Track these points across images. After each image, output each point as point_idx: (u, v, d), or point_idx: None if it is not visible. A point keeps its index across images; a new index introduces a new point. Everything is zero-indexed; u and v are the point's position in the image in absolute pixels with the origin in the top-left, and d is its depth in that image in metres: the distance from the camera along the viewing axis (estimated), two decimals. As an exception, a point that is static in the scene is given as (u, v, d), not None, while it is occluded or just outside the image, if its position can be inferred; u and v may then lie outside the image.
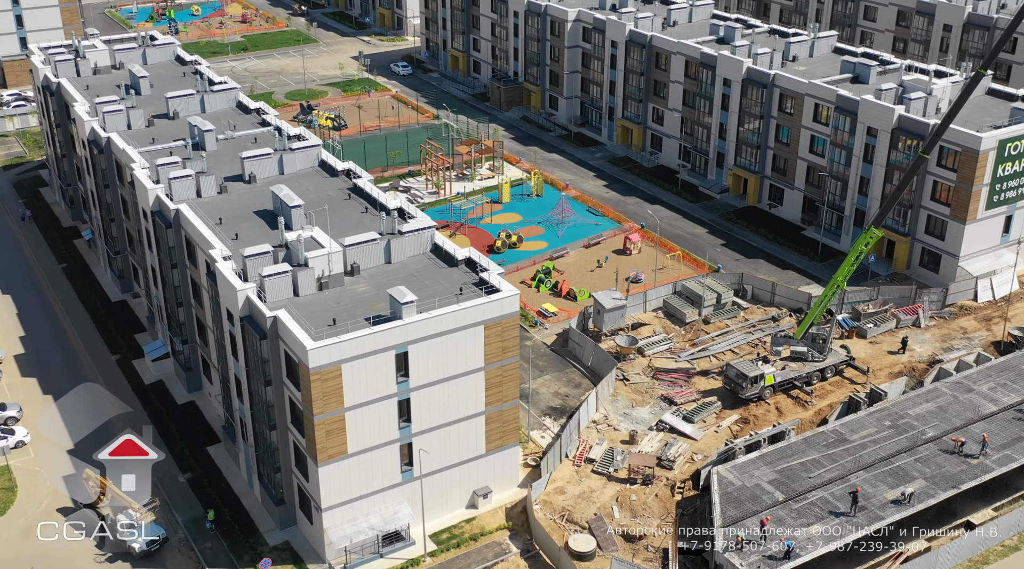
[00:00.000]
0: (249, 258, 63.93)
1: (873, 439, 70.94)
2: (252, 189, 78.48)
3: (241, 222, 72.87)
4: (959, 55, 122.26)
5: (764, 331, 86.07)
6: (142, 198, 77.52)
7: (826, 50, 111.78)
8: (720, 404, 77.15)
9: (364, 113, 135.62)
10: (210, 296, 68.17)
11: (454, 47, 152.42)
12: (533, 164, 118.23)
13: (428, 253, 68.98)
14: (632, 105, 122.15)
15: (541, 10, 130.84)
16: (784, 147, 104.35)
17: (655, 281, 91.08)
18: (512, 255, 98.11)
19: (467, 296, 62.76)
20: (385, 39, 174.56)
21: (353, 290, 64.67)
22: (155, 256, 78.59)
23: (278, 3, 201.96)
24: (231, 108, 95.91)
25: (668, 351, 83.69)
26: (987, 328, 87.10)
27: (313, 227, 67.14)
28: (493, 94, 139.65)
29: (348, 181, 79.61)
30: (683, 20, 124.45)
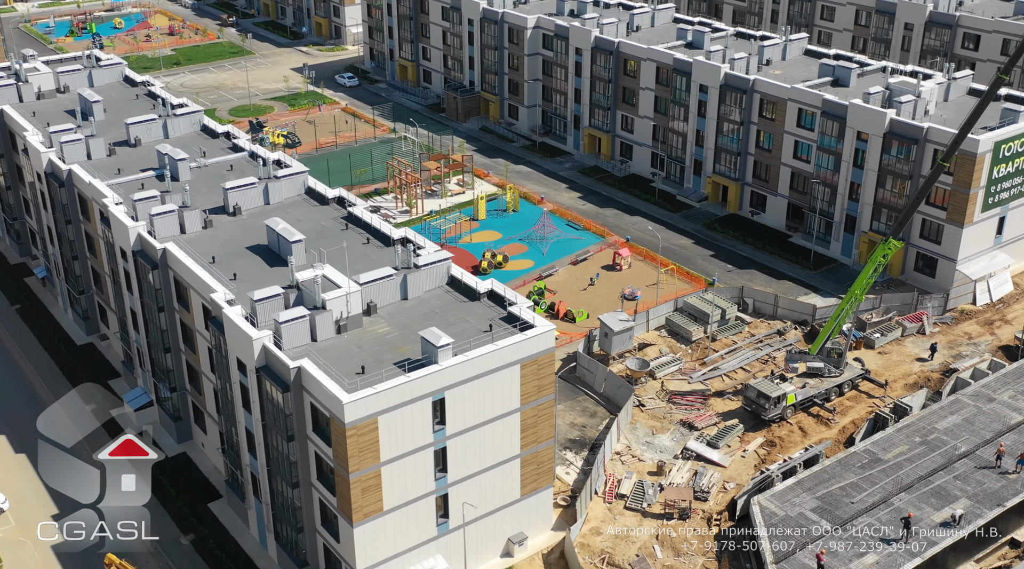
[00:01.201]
0: (260, 303, 58.99)
1: (907, 458, 69.07)
2: (239, 222, 73.23)
3: (235, 260, 67.69)
4: (921, 54, 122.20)
5: (772, 346, 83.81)
6: (120, 237, 71.64)
7: (798, 52, 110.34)
8: (742, 427, 74.55)
9: (317, 128, 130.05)
10: (213, 344, 62.87)
11: (402, 56, 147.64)
12: (504, 178, 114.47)
13: (445, 286, 64.81)
14: (599, 113, 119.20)
15: (498, 17, 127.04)
16: (766, 153, 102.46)
17: (656, 298, 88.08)
18: (499, 276, 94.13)
19: (499, 333, 58.83)
20: (324, 49, 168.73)
21: (373, 332, 60.18)
22: (136, 299, 72.74)
23: (205, 14, 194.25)
24: (196, 132, 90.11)
25: (678, 372, 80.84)
26: (991, 332, 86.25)
27: (324, 265, 62.38)
28: (449, 105, 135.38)
29: (341, 209, 74.88)
30: (646, 24, 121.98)
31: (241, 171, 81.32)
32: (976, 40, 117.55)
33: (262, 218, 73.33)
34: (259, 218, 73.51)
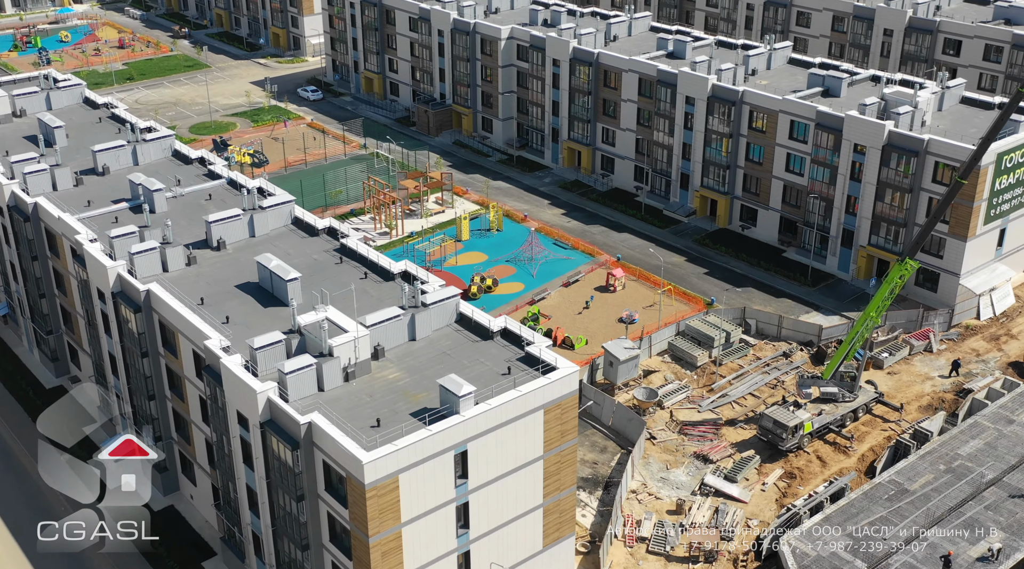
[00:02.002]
0: (261, 351, 54.66)
1: (934, 487, 66.54)
2: (225, 258, 68.63)
3: (226, 301, 63.15)
4: (901, 59, 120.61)
5: (779, 369, 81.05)
6: (97, 277, 66.69)
7: (782, 61, 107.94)
8: (759, 458, 71.59)
9: (283, 145, 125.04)
10: (208, 395, 58.31)
11: (367, 68, 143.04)
12: (485, 195, 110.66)
13: (455, 325, 60.93)
14: (579, 126, 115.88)
15: (470, 28, 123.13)
16: (756, 166, 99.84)
17: (659, 321, 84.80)
18: (489, 301, 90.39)
19: (520, 377, 55.11)
20: (283, 61, 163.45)
21: (384, 378, 56.12)
22: (116, 342, 67.82)
23: (155, 25, 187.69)
24: (167, 158, 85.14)
25: (687, 400, 77.70)
26: (998, 348, 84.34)
27: (327, 306, 58.14)
28: (420, 118, 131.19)
29: (332, 241, 70.60)
30: (623, 34, 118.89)
31: (221, 200, 76.70)
32: (957, 46, 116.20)
33: (249, 253, 68.92)
34: (246, 253, 69.05)
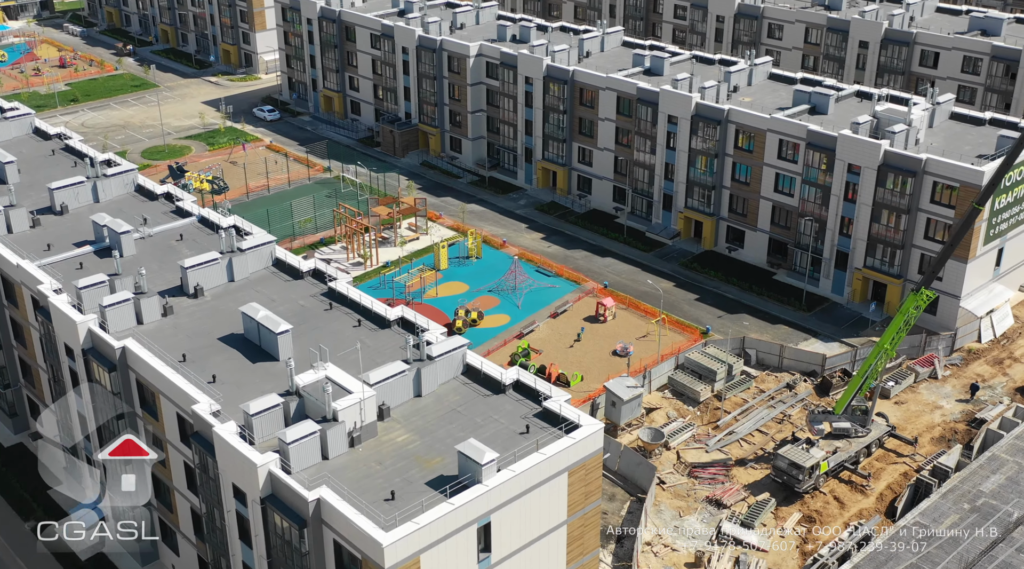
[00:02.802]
0: (256, 417, 49.89)
1: (961, 529, 63.63)
2: (203, 307, 63.55)
3: (210, 356, 58.14)
4: (877, 72, 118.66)
5: (785, 402, 77.89)
6: (65, 333, 61.20)
7: (763, 77, 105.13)
8: (774, 501, 68.21)
9: (242, 170, 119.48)
10: (197, 464, 53.25)
11: (327, 87, 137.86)
12: (462, 220, 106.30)
13: (462, 377, 56.59)
14: (554, 145, 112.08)
15: (436, 45, 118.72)
16: (743, 186, 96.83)
17: (658, 354, 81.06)
18: (475, 335, 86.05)
19: (542, 438, 50.98)
20: (235, 79, 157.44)
21: (392, 442, 51.62)
22: (87, 402, 62.36)
23: (96, 42, 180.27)
24: (130, 194, 79.63)
25: (692, 439, 74.14)
26: (1003, 372, 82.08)
27: (327, 364, 53.44)
28: (385, 138, 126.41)
29: (319, 284, 65.85)
30: (595, 50, 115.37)
31: (193, 240, 71.49)
32: (934, 58, 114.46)
33: (229, 300, 63.95)
34: (226, 300, 64.05)
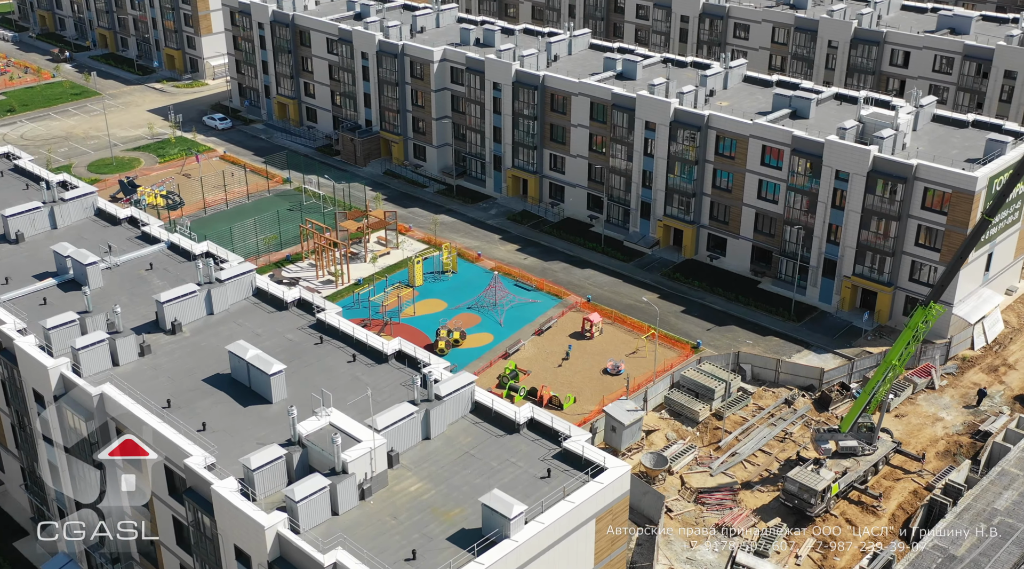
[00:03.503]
0: (258, 471, 45.95)
1: (981, 552, 61.74)
2: (183, 344, 59.19)
3: (196, 400, 53.93)
4: (847, 71, 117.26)
5: (785, 420, 75.63)
6: (34, 378, 56.44)
7: (737, 80, 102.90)
8: (785, 526, 65.83)
9: (196, 183, 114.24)
10: (191, 521, 49.06)
11: (280, 93, 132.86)
12: (433, 233, 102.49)
13: (471, 416, 53.12)
14: (524, 152, 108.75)
15: (398, 50, 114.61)
16: (725, 193, 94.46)
17: (653, 374, 78.17)
18: (459, 356, 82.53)
19: (567, 483, 47.78)
20: (181, 85, 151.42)
21: (404, 492, 48.02)
22: (59, 452, 57.60)
23: (30, 48, 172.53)
24: (90, 219, 74.71)
25: (695, 462, 71.50)
26: (999, 380, 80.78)
27: (330, 409, 49.58)
28: (345, 147, 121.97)
29: (306, 315, 61.83)
30: (563, 53, 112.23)
31: (164, 270, 66.94)
32: (905, 57, 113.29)
33: (210, 335, 59.73)
34: (207, 336, 59.79)
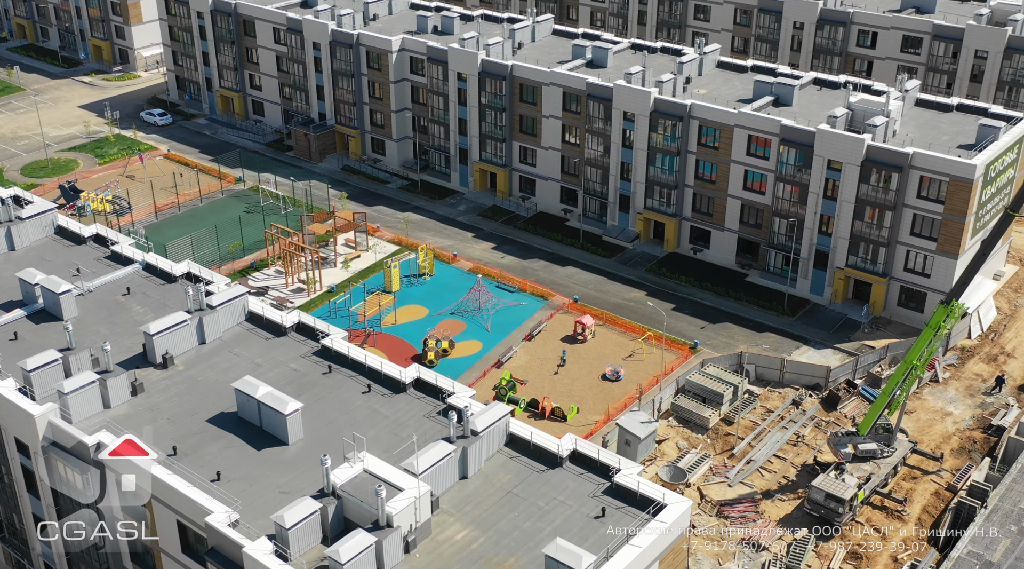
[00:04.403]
0: (293, 529, 41.66)
1: (1017, 556, 60.41)
2: (177, 380, 54.23)
3: (204, 445, 49.23)
4: (813, 53, 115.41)
5: (796, 422, 73.38)
6: (18, 426, 50.95)
7: (712, 66, 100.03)
8: (812, 537, 63.54)
9: (143, 185, 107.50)
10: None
11: (223, 86, 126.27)
12: (403, 232, 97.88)
13: (506, 450, 49.37)
14: (492, 145, 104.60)
15: (353, 40, 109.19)
16: (708, 184, 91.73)
17: (660, 381, 75.08)
18: (449, 367, 78.50)
19: (621, 521, 44.41)
20: (111, 78, 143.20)
21: (450, 540, 44.16)
22: (48, 506, 52.28)
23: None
24: (50, 238, 68.70)
25: (710, 472, 68.83)
26: (999, 369, 79.69)
27: (363, 454, 45.33)
28: (299, 142, 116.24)
29: (308, 341, 57.24)
30: (527, 40, 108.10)
31: (143, 294, 61.58)
32: (873, 38, 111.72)
33: (206, 369, 54.90)
34: (202, 369, 54.90)
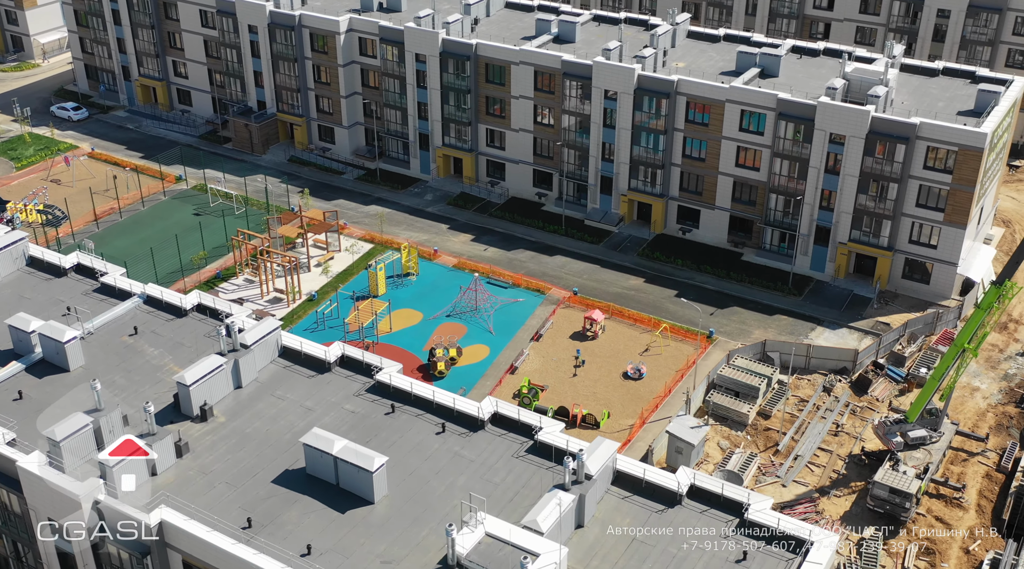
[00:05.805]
0: (429, 616, 36.74)
1: (1090, 536, 59.59)
2: (222, 434, 48.16)
3: (280, 514, 43.51)
4: (769, 17, 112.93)
5: (832, 411, 71.11)
6: (54, 507, 44.08)
7: (683, 37, 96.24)
8: (881, 537, 61.37)
9: (74, 191, 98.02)
10: None
11: (143, 74, 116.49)
12: (380, 230, 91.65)
13: (615, 489, 45.03)
14: (456, 129, 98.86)
15: (294, 22, 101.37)
16: (697, 163, 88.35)
17: (694, 379, 71.53)
18: (460, 375, 73.45)
19: (766, 564, 40.82)
20: (7, 69, 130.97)
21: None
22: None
23: None
24: (23, 271, 60.80)
25: (760, 473, 65.99)
26: (1013, 339, 79.10)
27: (482, 514, 40.35)
28: (238, 133, 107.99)
29: (357, 376, 51.60)
30: (481, 14, 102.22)
31: (153, 333, 54.78)
32: None
33: (251, 419, 49.09)
34: (247, 419, 48.99)
